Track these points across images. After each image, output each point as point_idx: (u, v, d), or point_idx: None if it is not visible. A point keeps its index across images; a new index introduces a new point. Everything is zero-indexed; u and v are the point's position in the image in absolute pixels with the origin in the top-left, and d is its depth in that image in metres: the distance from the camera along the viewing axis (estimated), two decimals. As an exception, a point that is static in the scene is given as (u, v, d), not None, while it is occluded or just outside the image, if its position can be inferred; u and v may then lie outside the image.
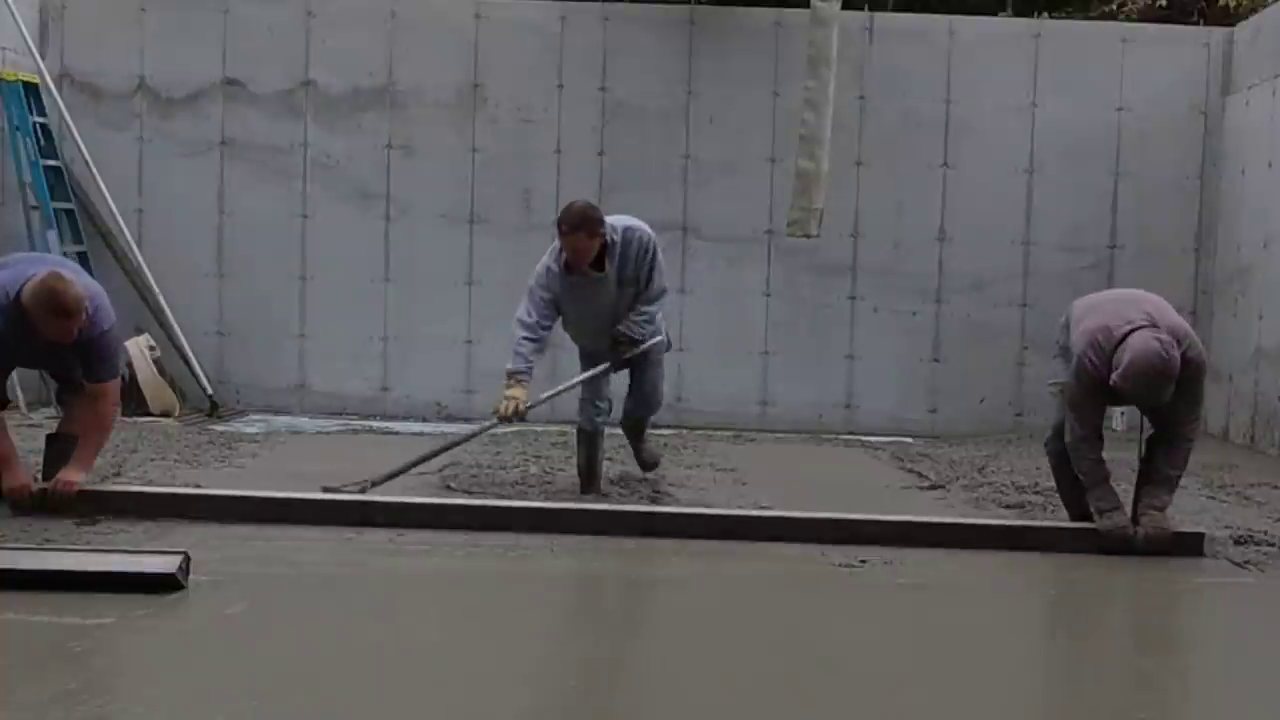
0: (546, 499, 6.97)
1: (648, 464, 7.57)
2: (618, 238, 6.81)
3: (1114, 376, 5.89)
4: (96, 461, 6.52)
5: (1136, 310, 6.07)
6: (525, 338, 6.73)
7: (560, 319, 7.04)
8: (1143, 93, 10.68)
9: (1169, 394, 5.93)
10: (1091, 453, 6.23)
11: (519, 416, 6.75)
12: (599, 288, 6.83)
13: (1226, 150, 10.55)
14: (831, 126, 9.64)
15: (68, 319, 5.92)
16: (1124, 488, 6.47)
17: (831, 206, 9.78)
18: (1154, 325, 5.93)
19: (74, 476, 6.21)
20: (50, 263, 6.54)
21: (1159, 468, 6.25)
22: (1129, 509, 6.29)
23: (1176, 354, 5.85)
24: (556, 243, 6.82)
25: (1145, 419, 6.43)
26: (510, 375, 6.70)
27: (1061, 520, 6.63)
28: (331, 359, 10.79)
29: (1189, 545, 6.19)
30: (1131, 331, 5.91)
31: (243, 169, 10.72)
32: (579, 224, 6.65)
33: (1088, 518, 6.37)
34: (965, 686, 4.35)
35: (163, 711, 3.83)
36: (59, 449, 6.52)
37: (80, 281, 6.19)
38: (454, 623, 4.97)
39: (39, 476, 6.42)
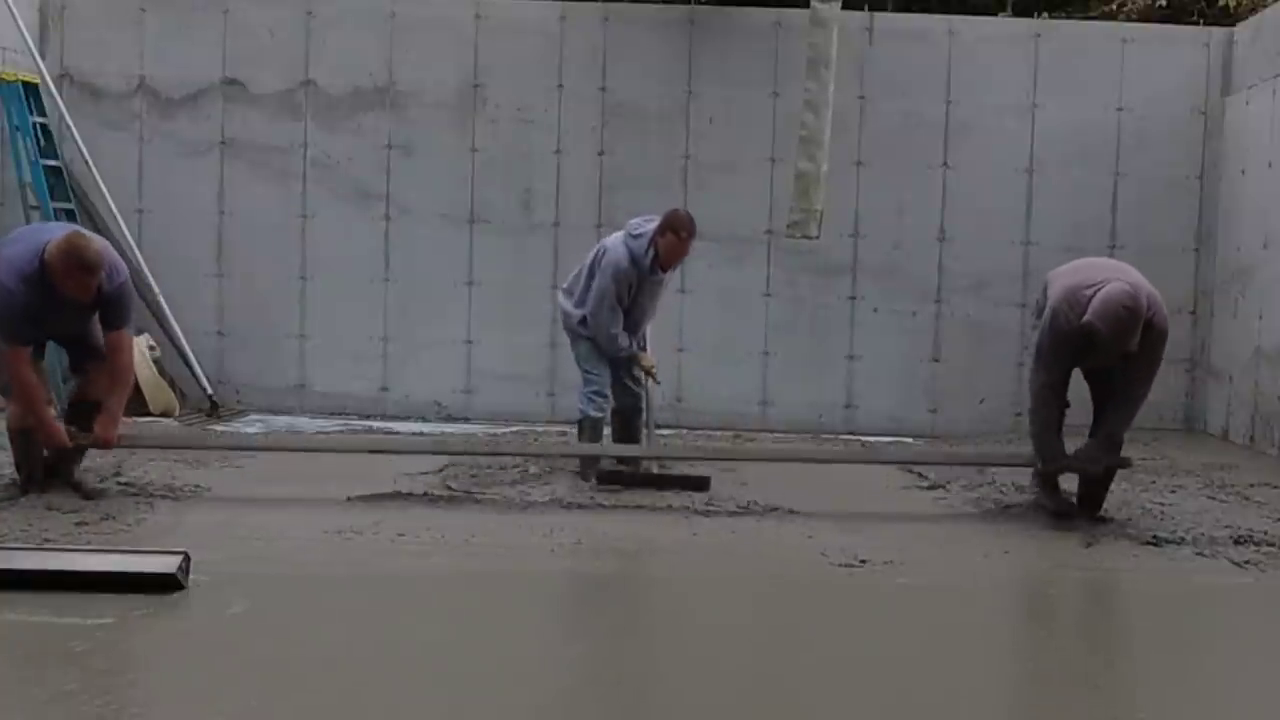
0: (547, 499, 6.99)
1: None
2: None
3: (1086, 316, 6.23)
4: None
5: (1111, 273, 6.45)
6: (621, 334, 7.54)
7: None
8: (1143, 93, 10.68)
9: (1134, 341, 6.25)
10: (1051, 401, 6.59)
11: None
12: (657, 284, 7.63)
13: (1226, 150, 10.55)
14: (831, 127, 9.63)
15: (90, 274, 6.23)
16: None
17: (831, 207, 9.77)
18: (1124, 283, 6.32)
19: (109, 433, 6.59)
20: (55, 229, 6.75)
21: (1104, 425, 6.64)
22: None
23: (1144, 299, 6.23)
24: (622, 245, 7.45)
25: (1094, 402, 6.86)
26: (633, 349, 7.64)
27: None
28: (331, 359, 10.79)
29: (1120, 464, 6.80)
30: (1104, 286, 6.30)
31: (243, 169, 10.72)
32: (695, 231, 7.54)
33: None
34: (965, 686, 4.35)
35: (162, 711, 3.84)
36: (82, 413, 6.76)
37: (97, 238, 6.56)
38: (454, 623, 4.97)
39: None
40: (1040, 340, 6.58)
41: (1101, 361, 6.52)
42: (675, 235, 7.43)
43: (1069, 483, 7.01)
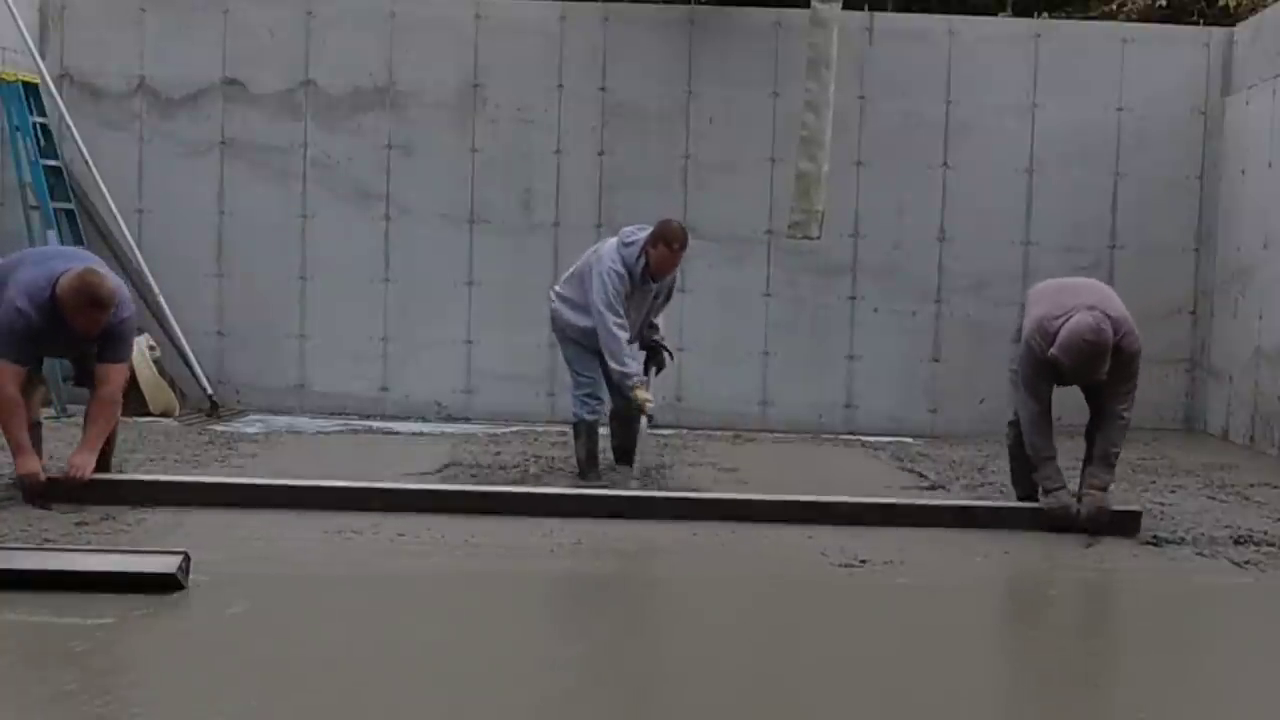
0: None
1: (631, 453, 7.74)
2: None
3: (1051, 349, 6.32)
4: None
5: (1080, 299, 6.48)
6: (628, 341, 7.44)
7: None
8: (1143, 93, 10.68)
9: (1103, 369, 6.33)
10: (1042, 430, 6.64)
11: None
12: (647, 294, 7.58)
13: (1226, 150, 10.55)
14: (831, 127, 9.63)
15: (102, 311, 6.30)
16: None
17: (831, 207, 9.78)
18: (1093, 309, 6.34)
19: (83, 460, 6.48)
20: (70, 255, 6.84)
21: (1099, 446, 6.65)
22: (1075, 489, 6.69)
23: (1109, 328, 6.27)
24: (615, 252, 7.41)
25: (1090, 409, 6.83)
26: (636, 378, 7.42)
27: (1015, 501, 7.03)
28: (331, 359, 10.79)
29: (1127, 524, 6.56)
30: (1072, 315, 6.33)
31: (243, 169, 10.72)
32: (686, 243, 7.51)
33: (1034, 498, 6.80)
34: (965, 686, 4.35)
35: (162, 711, 3.84)
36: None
37: (111, 275, 6.57)
38: (454, 623, 4.97)
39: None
40: (1022, 369, 6.67)
41: (1079, 384, 6.66)
42: (667, 247, 7.42)
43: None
